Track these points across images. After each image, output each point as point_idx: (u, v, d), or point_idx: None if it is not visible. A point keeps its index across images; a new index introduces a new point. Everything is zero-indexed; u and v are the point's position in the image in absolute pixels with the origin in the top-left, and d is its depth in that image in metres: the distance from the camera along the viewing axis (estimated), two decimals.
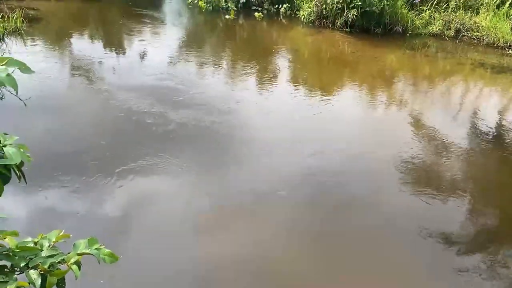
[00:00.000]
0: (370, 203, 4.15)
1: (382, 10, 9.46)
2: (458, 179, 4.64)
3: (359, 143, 5.25)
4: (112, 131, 4.95)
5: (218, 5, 11.04)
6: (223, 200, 4.00)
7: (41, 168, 3.97)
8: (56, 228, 3.35)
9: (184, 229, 3.60)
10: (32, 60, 6.76)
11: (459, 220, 4.02)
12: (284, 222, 3.79)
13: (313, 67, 8.05)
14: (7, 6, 9.65)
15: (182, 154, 4.61)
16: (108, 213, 3.71)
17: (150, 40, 8.57)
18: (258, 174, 4.41)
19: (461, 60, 8.53)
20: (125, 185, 4.05)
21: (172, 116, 5.31)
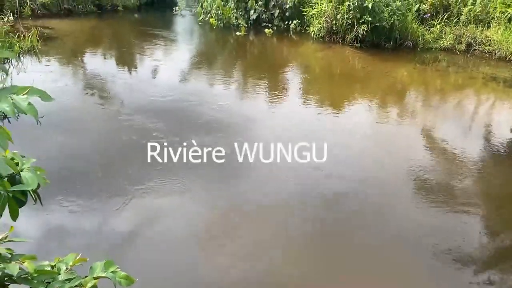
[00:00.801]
0: (380, 217, 4.11)
1: (392, 25, 9.49)
2: (471, 194, 4.58)
3: (370, 156, 5.22)
4: (123, 152, 5.00)
5: (229, 22, 11.18)
6: (238, 210, 4.00)
7: (50, 186, 4.01)
8: (65, 245, 3.37)
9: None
10: (46, 78, 6.89)
11: (472, 236, 3.96)
12: (292, 235, 3.77)
13: (324, 82, 8.07)
14: (23, 26, 9.90)
15: (194, 174, 4.63)
16: (116, 230, 3.72)
17: (163, 58, 8.69)
18: (270, 187, 4.40)
19: (473, 74, 8.49)
20: (135, 205, 4.08)
21: (184, 136, 5.35)
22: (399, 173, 4.89)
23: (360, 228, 3.98)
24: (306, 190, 4.46)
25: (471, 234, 4.00)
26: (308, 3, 10.71)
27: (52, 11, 11.38)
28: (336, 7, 9.67)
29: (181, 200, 4.20)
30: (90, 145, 5.07)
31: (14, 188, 1.97)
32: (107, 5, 12.44)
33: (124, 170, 4.56)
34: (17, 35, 8.18)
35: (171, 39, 10.46)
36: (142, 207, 4.04)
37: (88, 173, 4.48)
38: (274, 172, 4.73)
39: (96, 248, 3.47)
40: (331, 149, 5.24)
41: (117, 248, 3.53)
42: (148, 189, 4.27)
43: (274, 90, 7.25)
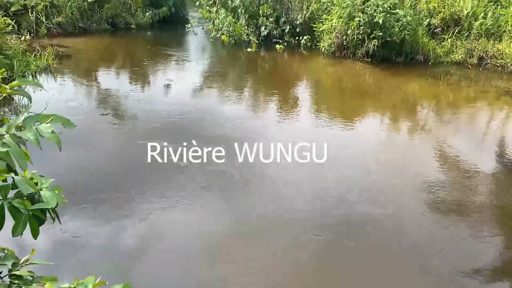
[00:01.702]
0: (391, 232, 4.08)
1: (403, 40, 9.51)
2: (485, 209, 4.53)
3: (382, 171, 5.21)
4: (138, 172, 5.06)
5: (240, 39, 11.31)
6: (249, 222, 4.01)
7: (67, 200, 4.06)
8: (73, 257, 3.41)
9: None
10: (60, 96, 7.02)
11: (485, 252, 3.90)
12: (301, 248, 3.76)
13: (335, 97, 8.10)
14: (39, 44, 10.14)
15: (203, 189, 4.66)
16: (127, 244, 3.75)
17: (175, 76, 8.78)
18: (281, 200, 4.41)
19: (485, 88, 8.44)
20: (147, 222, 4.11)
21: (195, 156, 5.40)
22: (413, 188, 4.86)
23: (374, 244, 3.95)
24: (316, 206, 4.46)
25: (487, 251, 3.95)
26: (318, 19, 10.80)
27: (67, 30, 11.62)
28: (347, 23, 9.73)
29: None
30: (101, 163, 5.14)
31: (34, 207, 2.02)
32: (120, 24, 12.67)
33: (137, 188, 4.61)
34: (33, 54, 8.37)
35: (183, 56, 10.61)
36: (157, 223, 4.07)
37: (99, 191, 4.54)
38: (287, 187, 4.74)
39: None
40: (342, 163, 5.24)
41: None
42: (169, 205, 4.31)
43: (286, 105, 7.29)
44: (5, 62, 7.34)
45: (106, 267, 3.54)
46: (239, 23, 11.47)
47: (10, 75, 7.34)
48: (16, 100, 6.84)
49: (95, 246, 3.78)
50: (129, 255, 3.71)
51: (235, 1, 11.37)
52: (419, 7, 10.46)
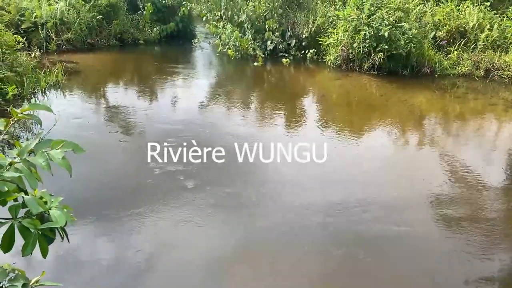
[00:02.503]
0: (402, 249, 4.05)
1: (409, 53, 9.54)
2: (494, 224, 4.48)
3: (390, 184, 5.19)
4: (145, 188, 5.08)
5: (247, 53, 11.41)
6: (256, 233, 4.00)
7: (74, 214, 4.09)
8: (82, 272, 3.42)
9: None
10: (69, 113, 7.08)
11: (498, 270, 3.86)
12: (309, 262, 3.74)
13: (342, 110, 8.11)
14: (49, 60, 10.29)
15: (211, 205, 4.67)
16: (133, 257, 3.76)
17: (184, 91, 8.86)
18: (288, 215, 4.40)
19: (493, 100, 8.41)
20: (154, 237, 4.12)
21: (201, 173, 5.42)
22: (420, 202, 4.83)
23: (380, 258, 3.93)
24: (321, 219, 4.45)
25: (501, 268, 3.90)
26: (324, 33, 10.88)
27: (76, 46, 11.79)
28: (352, 36, 9.79)
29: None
30: (107, 180, 5.18)
31: (44, 226, 2.05)
32: (128, 39, 12.85)
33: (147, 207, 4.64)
34: (43, 71, 8.50)
35: (191, 72, 10.70)
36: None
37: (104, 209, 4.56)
38: (296, 200, 4.74)
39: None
40: (350, 175, 5.23)
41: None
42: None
43: (293, 118, 7.31)
44: (16, 79, 7.46)
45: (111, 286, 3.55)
46: (245, 37, 11.58)
47: (20, 92, 7.46)
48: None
49: (99, 262, 3.79)
50: (135, 271, 3.72)
51: (242, 16, 11.50)
52: (424, 20, 10.51)
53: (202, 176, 5.20)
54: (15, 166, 1.32)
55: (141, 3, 13.38)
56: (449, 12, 10.47)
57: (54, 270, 3.61)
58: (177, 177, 5.14)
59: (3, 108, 6.83)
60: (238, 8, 11.61)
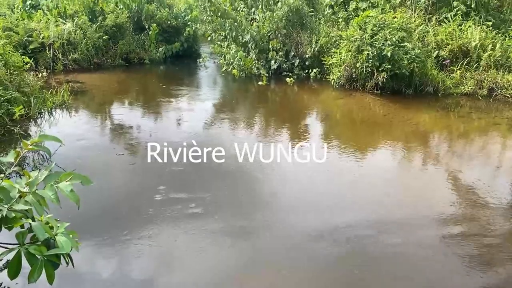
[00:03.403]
0: (407, 275, 4.02)
1: (412, 72, 9.59)
2: (502, 244, 4.45)
3: (394, 204, 5.18)
4: (148, 211, 5.09)
5: (251, 72, 11.52)
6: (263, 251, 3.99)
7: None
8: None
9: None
10: (74, 133, 7.13)
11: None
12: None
13: (345, 129, 8.14)
14: (56, 80, 10.44)
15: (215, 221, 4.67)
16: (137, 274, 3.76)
17: (189, 111, 8.83)
18: (292, 235, 4.39)
19: (496, 119, 8.42)
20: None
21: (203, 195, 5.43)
22: (425, 221, 4.81)
23: (382, 278, 3.90)
24: (326, 236, 4.43)
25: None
26: (327, 53, 10.99)
27: (83, 66, 11.98)
28: (355, 56, 9.88)
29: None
30: (110, 202, 5.20)
31: (50, 252, 2.07)
32: (134, 59, 13.03)
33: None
34: (50, 91, 8.61)
35: (196, 91, 10.81)
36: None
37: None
38: (298, 220, 4.73)
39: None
40: (354, 194, 5.22)
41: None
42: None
43: (296, 137, 7.34)
44: (23, 100, 7.56)
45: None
46: (249, 57, 11.72)
47: (27, 112, 7.55)
48: (33, 135, 6.99)
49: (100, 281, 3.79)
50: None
51: (246, 37, 11.65)
52: (427, 39, 10.61)
53: (203, 190, 5.22)
54: (25, 199, 1.35)
55: (147, 23, 13.59)
56: (451, 32, 10.57)
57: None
58: (184, 205, 5.16)
59: (10, 128, 6.91)
60: (242, 29, 11.77)
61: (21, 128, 6.90)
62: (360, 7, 11.72)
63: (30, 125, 7.40)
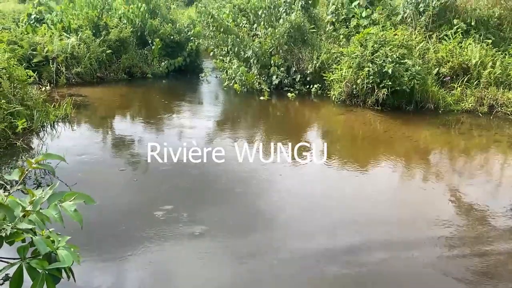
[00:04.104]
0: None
1: (412, 89, 9.64)
2: (505, 262, 4.44)
3: (394, 221, 5.17)
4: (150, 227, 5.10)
5: (252, 87, 11.60)
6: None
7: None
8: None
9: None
10: (76, 148, 7.14)
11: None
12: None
13: (346, 145, 8.17)
14: (58, 94, 10.51)
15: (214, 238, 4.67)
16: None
17: (191, 125, 8.85)
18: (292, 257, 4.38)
19: (497, 137, 8.44)
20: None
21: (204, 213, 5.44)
22: (426, 240, 4.81)
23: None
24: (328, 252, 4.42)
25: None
26: (328, 69, 11.07)
27: (86, 80, 12.07)
28: (356, 73, 9.95)
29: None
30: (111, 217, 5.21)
31: (51, 266, 2.08)
32: (137, 73, 13.14)
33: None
34: (52, 104, 8.67)
35: (197, 105, 10.89)
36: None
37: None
38: (299, 239, 4.73)
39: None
40: (354, 211, 5.23)
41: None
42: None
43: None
44: (26, 113, 7.61)
45: None
46: (251, 72, 11.81)
47: (30, 125, 7.59)
48: (35, 149, 7.02)
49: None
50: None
51: (248, 52, 11.76)
52: (427, 56, 10.70)
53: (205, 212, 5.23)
54: (29, 218, 1.37)
55: (150, 38, 13.74)
56: (451, 49, 10.65)
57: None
58: (186, 225, 5.16)
59: (12, 142, 6.94)
60: (244, 44, 11.89)
61: (23, 142, 6.93)
62: (361, 24, 11.85)
63: (32, 139, 7.44)
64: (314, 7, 12.80)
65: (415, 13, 11.63)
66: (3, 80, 7.49)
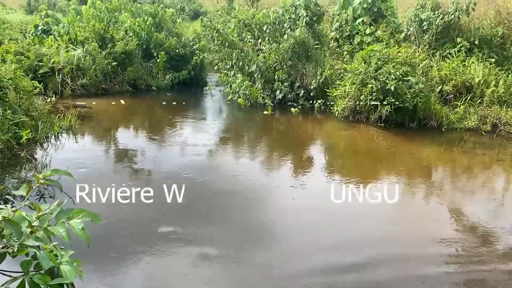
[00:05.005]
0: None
1: (415, 106, 9.66)
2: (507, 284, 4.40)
3: (397, 240, 5.15)
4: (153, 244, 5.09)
5: (256, 101, 11.65)
6: None
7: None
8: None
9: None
10: (80, 160, 7.16)
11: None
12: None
13: (348, 161, 8.17)
14: (63, 105, 10.58)
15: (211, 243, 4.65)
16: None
17: (194, 139, 8.84)
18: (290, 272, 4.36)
19: (500, 156, 8.43)
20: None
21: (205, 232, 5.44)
22: (429, 259, 4.78)
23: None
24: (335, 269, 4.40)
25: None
26: (332, 84, 11.12)
27: (90, 91, 12.16)
28: (359, 89, 9.99)
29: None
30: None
31: (54, 282, 2.08)
32: (141, 85, 13.23)
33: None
34: (57, 115, 8.72)
35: (202, 119, 10.94)
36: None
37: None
38: (300, 257, 4.71)
39: None
40: (355, 228, 5.20)
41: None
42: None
43: (299, 168, 7.37)
44: (30, 124, 7.66)
45: None
46: (255, 86, 11.88)
47: (34, 136, 7.63)
48: (39, 160, 7.05)
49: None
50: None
51: (252, 67, 11.85)
52: (431, 74, 10.73)
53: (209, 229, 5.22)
54: (36, 235, 1.38)
55: (156, 51, 13.86)
56: (455, 68, 10.69)
57: None
58: (183, 243, 5.15)
59: (17, 152, 6.97)
60: (249, 59, 11.99)
61: (27, 153, 6.96)
62: (365, 41, 11.93)
63: (36, 149, 7.47)
64: (319, 24, 12.92)
65: (418, 31, 11.72)
66: (10, 91, 7.55)
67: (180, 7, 29.38)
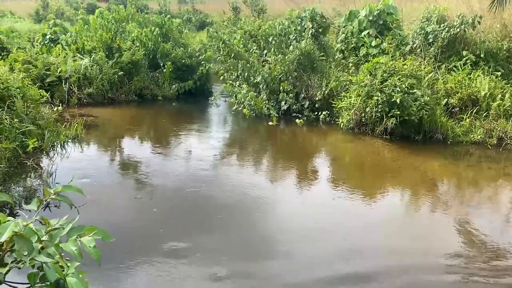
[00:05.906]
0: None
1: (421, 119, 9.64)
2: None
3: (402, 252, 5.11)
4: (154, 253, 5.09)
5: (261, 112, 11.67)
6: None
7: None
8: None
9: None
10: (86, 169, 7.19)
11: None
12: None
13: (353, 174, 8.15)
14: (69, 114, 10.64)
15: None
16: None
17: (200, 149, 8.90)
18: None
19: (507, 170, 8.38)
20: None
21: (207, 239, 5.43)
22: (434, 272, 4.74)
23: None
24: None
25: None
26: (337, 96, 11.13)
27: (97, 100, 12.23)
28: (365, 101, 9.99)
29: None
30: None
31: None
32: (147, 95, 13.29)
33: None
34: (63, 124, 8.77)
35: (206, 129, 10.97)
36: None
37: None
38: (305, 268, 4.68)
39: None
40: (361, 241, 5.17)
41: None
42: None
43: (304, 180, 7.35)
44: (37, 133, 7.70)
45: None
46: (260, 97, 11.91)
47: (40, 145, 7.67)
48: (45, 169, 7.08)
49: None
50: None
51: (257, 78, 11.89)
52: (436, 87, 10.72)
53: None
54: (48, 251, 1.38)
55: (162, 61, 13.95)
56: (460, 81, 10.68)
57: None
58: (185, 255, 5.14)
59: (23, 161, 7.00)
60: (254, 70, 12.03)
61: (33, 161, 6.99)
62: (370, 53, 11.96)
63: (42, 158, 7.51)
64: (324, 35, 12.98)
65: (424, 44, 11.73)
66: (17, 100, 7.61)
67: (187, 18, 29.64)
